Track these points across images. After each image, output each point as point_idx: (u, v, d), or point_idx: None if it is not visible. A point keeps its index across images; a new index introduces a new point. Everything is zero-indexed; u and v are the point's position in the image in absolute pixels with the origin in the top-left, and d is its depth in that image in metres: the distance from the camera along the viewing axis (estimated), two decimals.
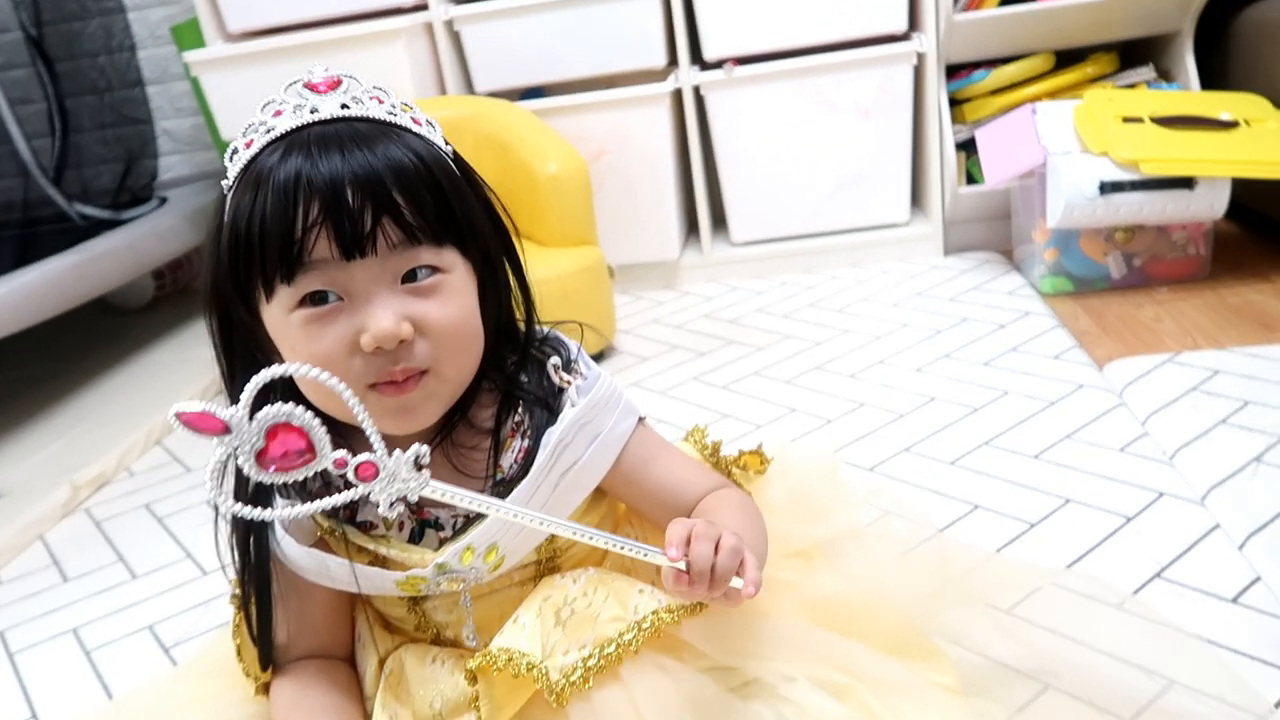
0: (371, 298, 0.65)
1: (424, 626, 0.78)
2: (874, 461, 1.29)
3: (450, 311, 0.68)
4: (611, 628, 0.71)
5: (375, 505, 0.75)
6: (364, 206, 0.64)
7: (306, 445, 0.55)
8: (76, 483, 1.60)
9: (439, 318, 0.67)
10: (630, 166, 2.06)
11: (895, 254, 2.09)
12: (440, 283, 0.68)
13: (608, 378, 0.75)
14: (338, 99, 0.68)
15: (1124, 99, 1.74)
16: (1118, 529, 1.08)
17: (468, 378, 0.71)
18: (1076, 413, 1.34)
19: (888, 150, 2.04)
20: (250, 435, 0.53)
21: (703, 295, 2.10)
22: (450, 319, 0.68)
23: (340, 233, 0.64)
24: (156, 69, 2.52)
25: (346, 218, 0.63)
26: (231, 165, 0.69)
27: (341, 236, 0.64)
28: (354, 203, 0.64)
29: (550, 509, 0.72)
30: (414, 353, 0.66)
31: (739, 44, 2.00)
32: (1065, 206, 1.63)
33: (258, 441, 0.53)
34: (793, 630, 0.79)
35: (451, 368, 0.69)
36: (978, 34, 1.92)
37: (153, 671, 1.11)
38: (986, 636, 0.89)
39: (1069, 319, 1.65)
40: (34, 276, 1.83)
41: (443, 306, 0.67)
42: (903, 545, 0.97)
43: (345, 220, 0.63)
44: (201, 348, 2.17)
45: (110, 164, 2.34)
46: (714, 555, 0.64)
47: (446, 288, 0.68)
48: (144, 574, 1.34)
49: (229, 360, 0.73)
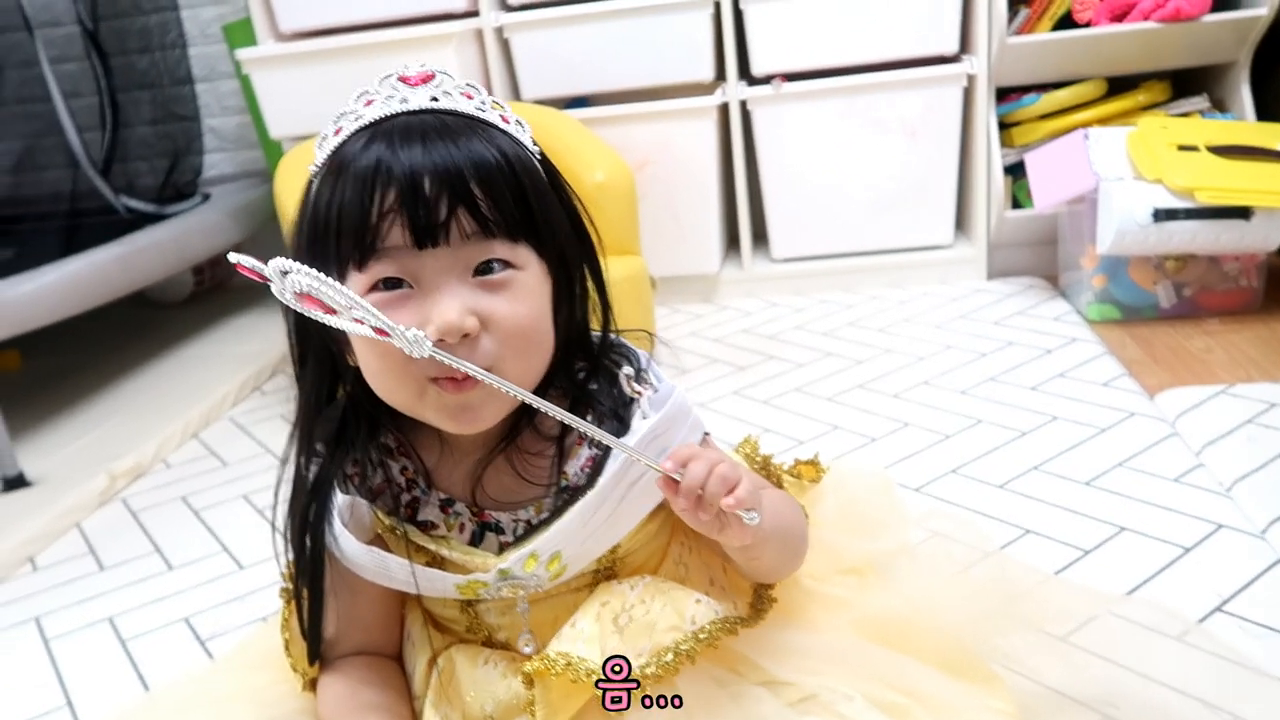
0: (440, 288, 0.64)
1: (476, 628, 0.77)
2: (920, 482, 1.27)
3: (520, 309, 0.66)
4: (668, 637, 0.70)
5: (436, 506, 0.75)
6: (440, 196, 0.63)
7: (326, 310, 0.59)
8: (113, 472, 1.60)
9: (507, 314, 0.66)
10: (673, 179, 2.05)
11: (937, 276, 2.08)
12: (512, 279, 0.67)
13: (680, 391, 0.73)
14: (428, 92, 0.67)
15: (1179, 126, 1.71)
16: (1175, 559, 1.05)
17: (533, 381, 0.70)
18: (1128, 441, 1.31)
19: (933, 172, 2.03)
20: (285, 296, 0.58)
21: (741, 310, 2.08)
22: (518, 317, 0.66)
23: (414, 221, 0.63)
24: (205, 67, 2.55)
25: (421, 206, 0.63)
26: (319, 151, 0.69)
27: (415, 225, 0.63)
28: (430, 192, 0.63)
29: (615, 521, 0.71)
30: (477, 349, 0.65)
31: (788, 60, 1.99)
32: (1117, 233, 1.61)
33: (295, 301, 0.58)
34: (849, 647, 0.78)
35: (515, 369, 0.67)
36: (1030, 58, 1.90)
37: (188, 663, 1.11)
38: (1043, 662, 0.87)
39: (1116, 347, 1.63)
40: (79, 266, 1.85)
41: (512, 304, 0.66)
42: (957, 565, 0.95)
43: (420, 209, 0.63)
44: (239, 343, 2.20)
45: (157, 159, 2.35)
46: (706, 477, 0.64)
47: (518, 285, 0.67)
48: (180, 565, 1.34)
49: (302, 348, 0.73)
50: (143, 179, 2.29)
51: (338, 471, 0.74)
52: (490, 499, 0.74)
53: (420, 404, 0.67)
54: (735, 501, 0.63)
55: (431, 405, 0.67)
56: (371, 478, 0.75)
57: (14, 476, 1.60)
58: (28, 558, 1.41)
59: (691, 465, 0.64)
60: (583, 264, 0.73)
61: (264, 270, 0.57)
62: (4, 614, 1.28)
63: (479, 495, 0.74)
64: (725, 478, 0.64)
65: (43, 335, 1.87)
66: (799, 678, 0.74)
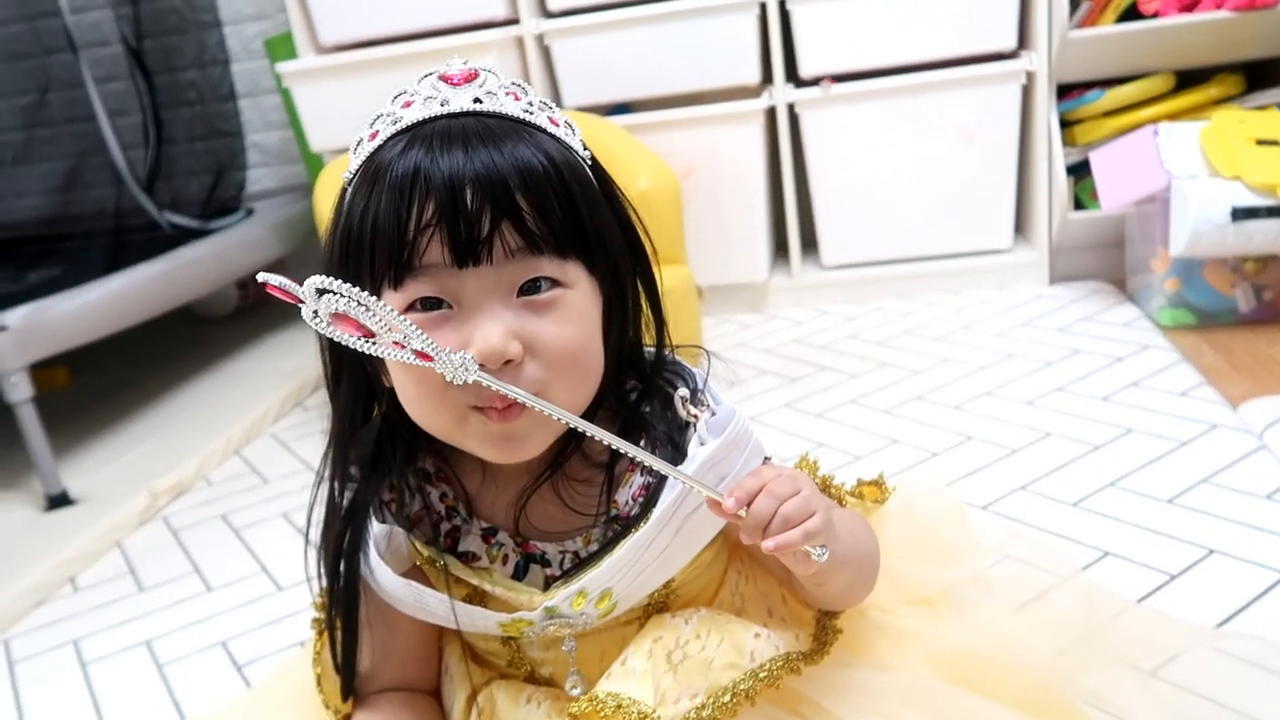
0: (482, 309, 0.59)
1: (518, 663, 0.72)
2: (987, 500, 1.20)
3: (568, 333, 0.61)
4: (726, 675, 0.65)
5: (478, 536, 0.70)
6: (482, 209, 0.58)
7: (365, 333, 0.56)
8: (155, 490, 1.59)
9: (553, 339, 0.61)
10: (719, 185, 2.00)
11: (996, 282, 1.99)
12: (560, 298, 0.61)
13: (741, 415, 0.68)
14: (471, 92, 0.62)
15: (1257, 120, 1.62)
16: (1272, 585, 0.97)
17: (581, 407, 0.65)
18: (1212, 455, 1.23)
19: (991, 173, 1.95)
20: (320, 324, 0.55)
21: (791, 319, 2.02)
22: (566, 341, 0.61)
23: (454, 237, 0.58)
24: (248, 83, 2.55)
25: (463, 221, 0.58)
26: (354, 156, 0.64)
27: (455, 242, 0.58)
28: (472, 204, 0.58)
29: (670, 555, 0.65)
30: (521, 375, 0.60)
31: (837, 61, 1.93)
32: (1192, 234, 1.52)
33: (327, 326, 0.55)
34: (921, 685, 0.72)
35: (563, 396, 0.62)
36: (1093, 52, 1.82)
37: (224, 691, 1.07)
38: (1132, 701, 0.80)
39: (1193, 354, 1.54)
40: (123, 282, 1.84)
41: (560, 326, 0.61)
42: (1034, 592, 0.88)
43: (460, 224, 0.58)
44: (282, 359, 2.18)
45: (200, 175, 2.36)
46: (770, 517, 0.59)
47: (566, 305, 0.61)
48: (219, 586, 1.31)
49: (336, 367, 0.68)
50: (187, 195, 2.30)
51: (374, 498, 0.69)
52: (535, 529, 0.69)
53: (461, 432, 0.63)
54: (803, 536, 0.58)
55: (474, 434, 0.62)
56: (409, 505, 0.70)
57: (57, 495, 1.59)
58: (69, 578, 1.39)
59: (757, 503, 0.59)
60: (635, 277, 0.68)
61: (296, 291, 0.54)
62: (44, 637, 1.26)
63: (523, 525, 0.69)
64: (789, 518, 0.59)
65: (89, 351, 1.87)
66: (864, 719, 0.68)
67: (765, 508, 0.59)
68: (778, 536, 0.58)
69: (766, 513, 0.59)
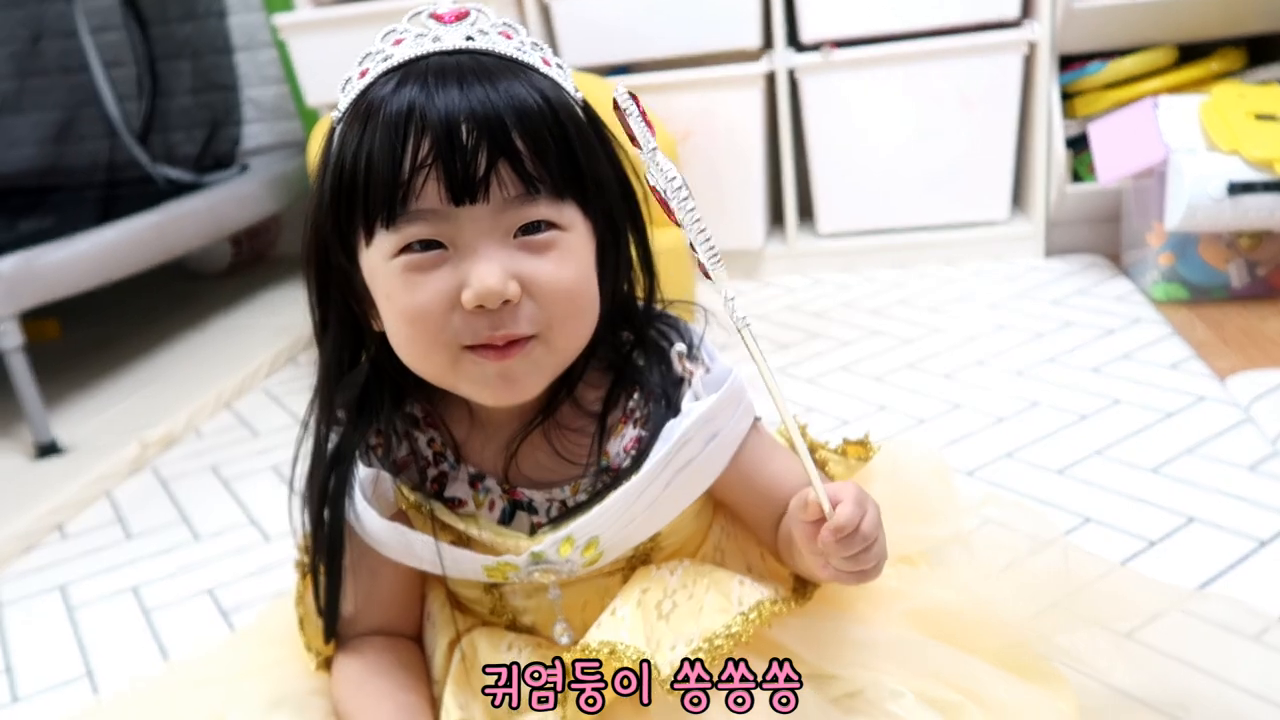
0: (478, 250, 0.59)
1: (500, 610, 0.72)
2: (973, 465, 1.21)
3: (565, 273, 0.61)
4: (717, 619, 0.65)
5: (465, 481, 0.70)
6: (479, 147, 0.58)
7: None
8: (145, 440, 1.59)
9: (551, 278, 0.60)
10: (716, 150, 1.99)
11: (992, 252, 1.99)
12: (556, 240, 0.61)
13: (737, 373, 0.68)
14: (463, 30, 0.62)
15: (1256, 95, 1.61)
16: (1250, 553, 0.98)
17: (577, 350, 0.65)
18: (1198, 426, 1.23)
19: (990, 144, 1.94)
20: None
21: (786, 287, 2.02)
22: (564, 281, 0.61)
23: (451, 175, 0.57)
24: (245, 35, 2.52)
25: (459, 158, 0.57)
26: (344, 95, 0.63)
27: (452, 180, 0.58)
28: (469, 142, 0.57)
29: (658, 508, 0.66)
30: (519, 316, 0.60)
31: (839, 26, 1.91)
32: (1188, 208, 1.52)
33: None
34: (900, 639, 0.72)
35: (561, 336, 0.62)
36: (1096, 23, 1.80)
37: (209, 636, 1.08)
38: (1108, 662, 0.80)
39: (1184, 328, 1.54)
40: (116, 234, 1.83)
41: (558, 266, 0.61)
42: (1014, 554, 0.88)
43: (457, 161, 0.57)
44: (276, 314, 2.18)
45: (195, 128, 2.33)
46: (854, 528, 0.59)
47: (563, 246, 0.61)
48: (207, 536, 1.31)
49: (323, 310, 0.68)
50: (181, 148, 2.28)
51: (360, 442, 0.69)
52: (524, 476, 0.70)
53: (454, 374, 0.62)
54: (873, 559, 0.60)
55: (467, 375, 0.62)
56: (396, 449, 0.70)
57: (46, 444, 1.59)
58: (56, 525, 1.40)
59: (842, 508, 0.58)
60: (629, 222, 0.68)
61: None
62: (31, 582, 1.26)
63: (512, 472, 0.70)
64: (866, 535, 0.59)
65: (82, 305, 1.87)
66: (846, 671, 0.69)
67: (850, 514, 0.58)
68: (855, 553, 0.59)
69: (853, 520, 0.58)
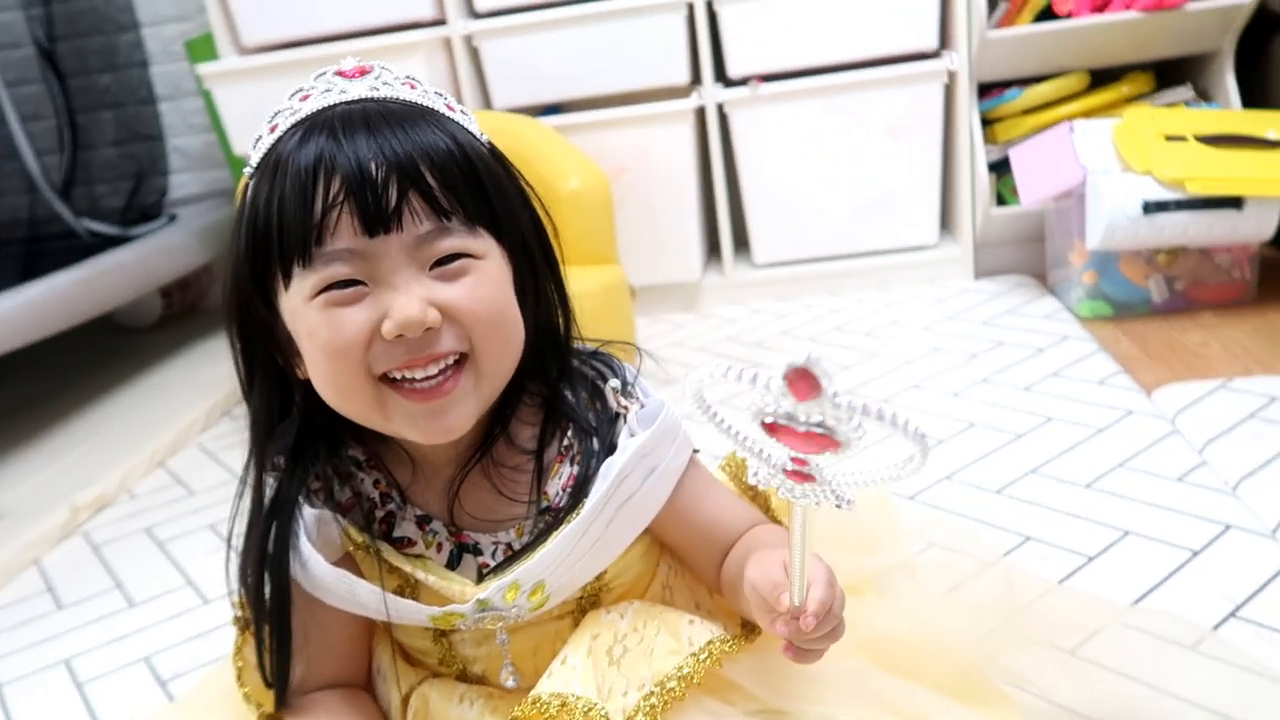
0: (396, 283, 0.59)
1: (449, 660, 0.71)
2: (914, 490, 1.22)
3: (483, 294, 0.62)
4: (669, 662, 0.65)
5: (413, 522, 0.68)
6: (389, 180, 0.58)
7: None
8: (76, 504, 1.54)
9: (469, 299, 0.61)
10: (650, 185, 2.01)
11: (924, 277, 2.03)
12: (471, 266, 0.62)
13: (671, 407, 0.68)
14: (367, 82, 0.63)
15: (1166, 117, 1.68)
16: (1184, 563, 1.01)
17: (505, 375, 0.65)
18: (1127, 440, 1.27)
19: (917, 171, 1.99)
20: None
21: (725, 318, 2.03)
22: (482, 303, 0.61)
23: (363, 208, 0.58)
24: (169, 85, 2.49)
25: (370, 191, 0.58)
26: (254, 152, 0.63)
27: (365, 212, 0.58)
28: (379, 176, 0.58)
29: (602, 547, 0.66)
30: (440, 342, 0.60)
31: (764, 61, 1.95)
32: (1107, 227, 1.57)
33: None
34: (848, 672, 0.72)
35: (489, 357, 0.62)
36: (1010, 52, 1.87)
37: (146, 706, 1.04)
38: (1053, 680, 0.82)
39: (1110, 343, 1.59)
40: (40, 291, 1.78)
41: (474, 289, 0.61)
42: (958, 578, 0.90)
43: (368, 194, 0.58)
44: (209, 367, 2.13)
45: (120, 180, 2.30)
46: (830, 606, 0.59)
47: (479, 272, 0.62)
48: (142, 601, 1.27)
49: (249, 363, 0.67)
50: (106, 201, 2.24)
51: (299, 490, 0.68)
52: (469, 517, 0.69)
53: (381, 412, 0.62)
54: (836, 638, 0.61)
55: (395, 414, 0.62)
56: (339, 493, 0.69)
57: None
58: None
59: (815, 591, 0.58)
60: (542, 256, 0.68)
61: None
62: None
63: (457, 513, 0.69)
64: (836, 614, 0.59)
65: (7, 365, 1.81)
66: (796, 706, 0.69)
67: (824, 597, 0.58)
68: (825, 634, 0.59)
69: (825, 606, 0.58)
